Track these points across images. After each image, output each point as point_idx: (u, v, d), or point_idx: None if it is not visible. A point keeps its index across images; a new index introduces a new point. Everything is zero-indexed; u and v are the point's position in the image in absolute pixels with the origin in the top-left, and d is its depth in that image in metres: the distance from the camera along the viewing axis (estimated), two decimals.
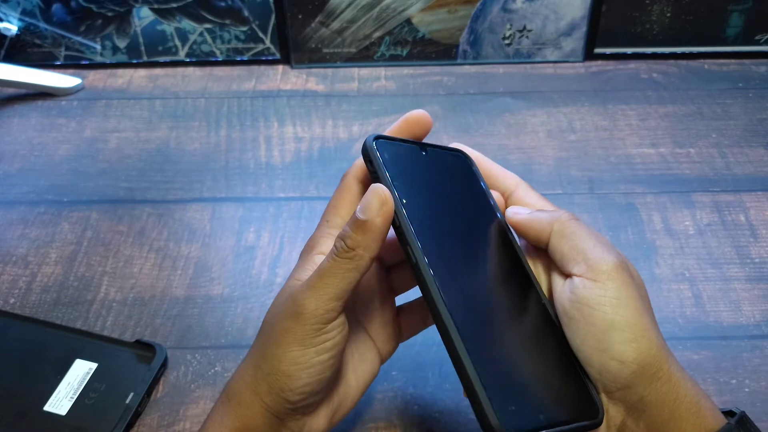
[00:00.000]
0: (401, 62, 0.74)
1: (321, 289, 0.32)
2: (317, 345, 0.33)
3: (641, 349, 0.32)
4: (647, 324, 0.33)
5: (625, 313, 0.32)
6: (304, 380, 0.33)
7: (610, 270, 0.33)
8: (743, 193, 0.60)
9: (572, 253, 0.34)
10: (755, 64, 0.73)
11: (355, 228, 0.32)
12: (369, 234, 0.32)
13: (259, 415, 0.34)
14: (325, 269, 0.32)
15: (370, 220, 0.32)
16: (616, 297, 0.33)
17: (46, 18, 0.72)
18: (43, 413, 0.44)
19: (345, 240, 0.32)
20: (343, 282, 0.32)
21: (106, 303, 0.52)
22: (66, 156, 0.65)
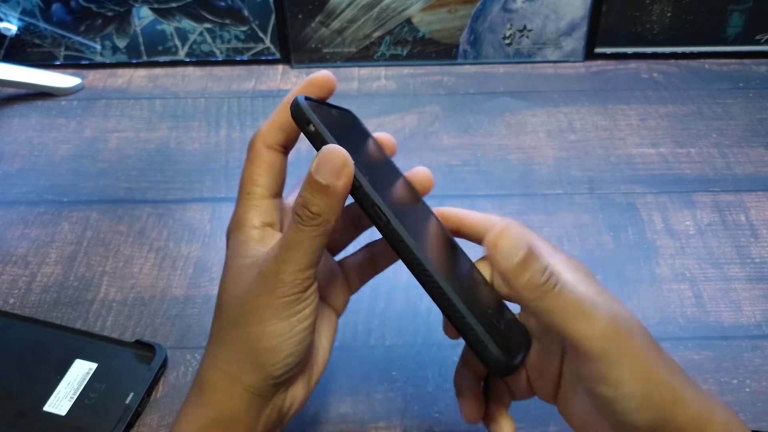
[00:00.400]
0: (401, 62, 0.74)
1: (293, 260, 0.32)
2: (297, 314, 0.33)
3: (649, 414, 0.31)
4: (652, 389, 0.31)
5: (624, 385, 0.31)
6: (287, 351, 0.33)
7: (603, 345, 0.31)
8: (744, 193, 0.60)
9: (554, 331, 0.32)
10: (756, 63, 0.73)
11: (316, 193, 0.31)
12: (332, 198, 0.31)
13: (238, 400, 0.33)
14: (291, 240, 0.32)
15: (332, 184, 0.31)
16: (616, 370, 0.31)
17: (45, 18, 0.72)
18: (43, 413, 0.44)
19: (309, 207, 0.31)
20: (312, 249, 0.32)
21: (106, 303, 0.52)
22: (66, 156, 0.65)
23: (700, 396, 0.32)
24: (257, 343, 0.33)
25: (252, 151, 0.35)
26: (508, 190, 0.60)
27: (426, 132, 0.66)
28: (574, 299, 0.31)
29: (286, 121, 0.34)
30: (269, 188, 0.35)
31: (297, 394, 0.35)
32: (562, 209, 0.58)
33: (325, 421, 0.45)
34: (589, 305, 0.31)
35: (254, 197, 0.35)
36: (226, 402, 0.34)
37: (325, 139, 0.32)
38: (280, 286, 0.32)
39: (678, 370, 0.33)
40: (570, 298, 0.31)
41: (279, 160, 0.36)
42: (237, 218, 0.35)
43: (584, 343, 0.31)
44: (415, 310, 0.51)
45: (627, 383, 0.31)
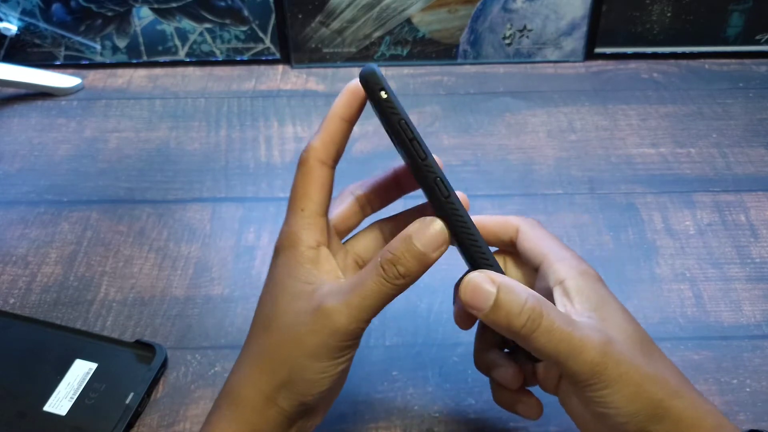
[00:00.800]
0: (401, 62, 0.74)
1: (361, 309, 0.32)
2: (346, 355, 0.33)
3: (640, 424, 0.32)
4: (640, 406, 0.32)
5: (614, 404, 0.32)
6: (327, 386, 0.33)
7: (592, 378, 0.32)
8: (744, 193, 0.60)
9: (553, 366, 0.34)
10: (756, 64, 0.73)
11: (410, 256, 0.31)
12: (423, 266, 0.32)
13: (272, 421, 0.34)
14: (368, 289, 0.32)
15: (428, 254, 0.31)
16: (607, 394, 0.32)
17: (45, 18, 0.72)
18: (43, 413, 0.44)
19: (397, 266, 0.31)
20: (382, 303, 0.32)
21: (106, 303, 0.52)
22: (66, 156, 0.65)
23: (690, 403, 0.33)
24: (302, 373, 0.33)
25: (305, 167, 0.34)
26: (508, 190, 0.60)
27: (426, 132, 0.66)
28: (561, 337, 0.31)
29: (337, 133, 0.34)
30: (322, 205, 0.35)
31: (317, 417, 0.36)
32: (562, 209, 0.58)
33: (326, 420, 0.45)
34: (577, 341, 0.31)
35: (308, 214, 0.34)
36: (260, 422, 0.34)
37: (397, 109, 0.32)
38: (343, 332, 0.32)
39: (671, 378, 0.33)
40: (557, 336, 0.31)
41: (330, 177, 0.35)
42: (291, 235, 0.35)
43: (575, 377, 0.32)
44: (415, 310, 0.51)
45: (616, 404, 0.32)
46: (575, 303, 0.34)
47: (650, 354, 0.34)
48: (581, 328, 0.32)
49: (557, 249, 0.37)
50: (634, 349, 0.33)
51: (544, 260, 0.36)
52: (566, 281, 0.35)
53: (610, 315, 0.34)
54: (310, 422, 0.36)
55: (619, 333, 0.33)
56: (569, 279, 0.35)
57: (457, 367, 0.47)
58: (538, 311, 0.31)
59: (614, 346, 0.32)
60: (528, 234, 0.38)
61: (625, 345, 0.33)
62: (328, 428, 0.44)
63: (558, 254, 0.36)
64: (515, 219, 0.39)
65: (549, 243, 0.37)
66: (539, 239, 0.38)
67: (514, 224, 0.38)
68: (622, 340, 0.33)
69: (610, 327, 0.33)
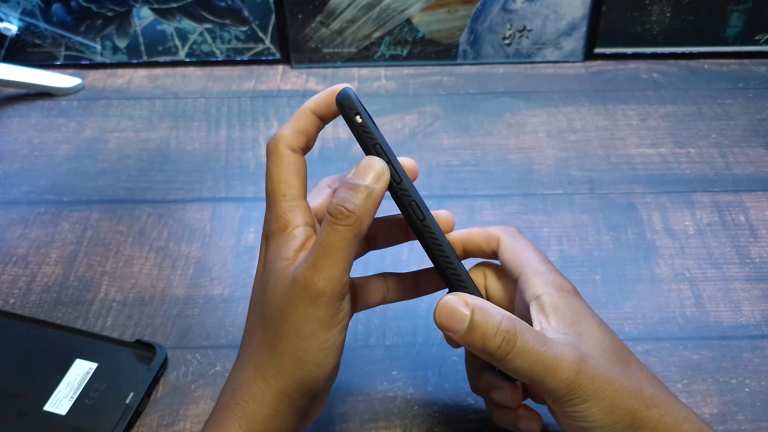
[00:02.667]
0: (401, 62, 0.74)
1: (330, 266, 0.31)
2: (339, 324, 0.33)
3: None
4: (618, 416, 0.33)
5: (591, 418, 0.32)
6: (332, 364, 0.33)
7: (567, 396, 0.32)
8: (743, 193, 0.60)
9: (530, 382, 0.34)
10: (755, 64, 0.73)
11: (353, 192, 0.31)
12: (369, 198, 0.32)
13: (285, 414, 0.34)
14: (326, 243, 0.31)
15: (370, 186, 0.32)
16: (584, 409, 0.32)
17: (46, 18, 0.72)
18: (44, 413, 0.44)
19: (344, 204, 0.31)
20: (347, 252, 0.31)
21: (106, 303, 0.52)
22: (66, 156, 0.65)
23: (667, 411, 0.33)
24: (305, 355, 0.33)
25: (276, 155, 0.35)
26: (508, 190, 0.60)
27: (426, 132, 0.66)
28: (536, 357, 0.31)
29: (307, 125, 0.35)
30: (301, 190, 0.35)
31: (322, 403, 0.36)
32: (561, 209, 0.58)
33: (325, 420, 0.45)
34: (551, 360, 0.31)
35: (290, 199, 0.34)
36: (274, 418, 0.34)
37: (372, 133, 0.33)
38: (321, 296, 0.32)
39: (647, 387, 0.34)
40: (531, 357, 0.31)
41: (303, 163, 0.35)
42: (278, 220, 0.34)
43: (552, 394, 0.32)
44: (415, 310, 0.51)
45: (593, 418, 0.32)
46: (551, 319, 0.34)
47: (626, 364, 0.34)
48: (555, 346, 0.32)
49: (535, 262, 0.37)
50: (610, 362, 0.33)
51: (522, 273, 0.36)
52: (542, 297, 0.35)
53: (585, 329, 0.34)
54: (317, 410, 0.36)
55: (594, 347, 0.33)
56: (545, 294, 0.35)
57: (457, 367, 0.47)
58: (513, 332, 0.31)
59: (588, 361, 0.32)
60: (507, 246, 0.38)
61: (600, 359, 0.33)
62: (328, 428, 0.44)
63: (535, 268, 0.36)
64: (496, 229, 0.39)
65: (527, 255, 0.37)
66: (517, 251, 0.37)
67: (495, 235, 0.39)
68: (598, 354, 0.33)
69: (585, 342, 0.34)
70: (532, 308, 0.35)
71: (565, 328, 0.34)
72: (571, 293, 0.36)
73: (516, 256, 0.37)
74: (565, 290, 0.36)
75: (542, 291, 0.35)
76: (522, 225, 0.57)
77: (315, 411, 0.36)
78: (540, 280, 0.36)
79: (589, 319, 0.35)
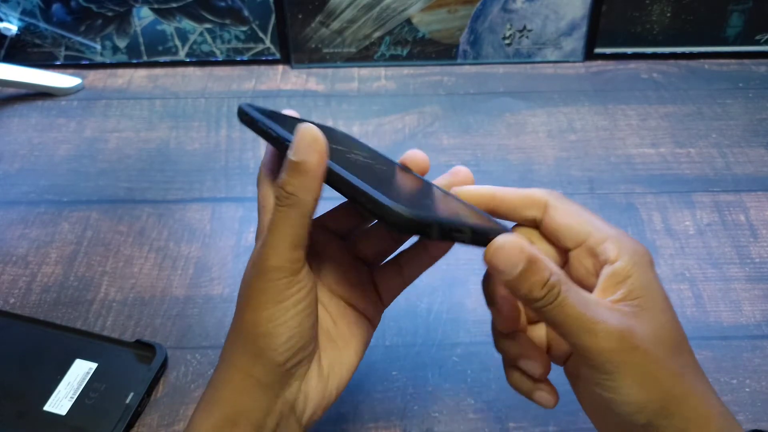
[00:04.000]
0: (401, 62, 0.74)
1: (276, 241, 0.32)
2: (291, 297, 0.32)
3: (649, 416, 0.32)
4: (653, 395, 0.32)
5: (623, 392, 0.31)
6: (285, 335, 0.33)
7: (603, 358, 0.31)
8: (743, 193, 0.60)
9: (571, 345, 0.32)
10: (755, 64, 0.73)
11: (291, 172, 0.31)
12: (305, 175, 0.31)
13: (248, 394, 0.33)
14: (272, 222, 0.32)
15: (304, 160, 0.31)
16: (615, 379, 0.31)
17: (46, 18, 0.72)
18: (43, 413, 0.44)
19: (284, 187, 0.31)
20: (293, 230, 0.32)
21: (106, 303, 0.52)
22: (66, 156, 0.65)
23: (701, 404, 0.33)
24: (254, 329, 0.33)
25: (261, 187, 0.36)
26: None
27: (426, 132, 0.66)
28: (575, 313, 0.30)
29: None
30: None
31: (310, 391, 0.35)
32: None
33: (325, 420, 0.45)
34: (590, 321, 0.30)
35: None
36: (236, 397, 0.34)
37: (268, 128, 0.33)
38: (269, 270, 0.32)
39: (690, 378, 0.33)
40: (571, 312, 0.30)
41: None
42: (259, 225, 0.35)
43: (583, 354, 0.31)
44: (415, 310, 0.51)
45: (623, 390, 0.31)
46: (619, 287, 0.33)
47: (678, 350, 0.33)
48: (599, 310, 0.31)
49: (602, 226, 0.34)
50: (660, 342, 0.32)
51: (590, 238, 0.34)
52: (616, 264, 0.33)
53: (649, 305, 0.33)
54: (302, 398, 0.35)
55: (649, 322, 0.32)
56: (620, 262, 0.33)
57: (457, 367, 0.48)
58: (557, 289, 0.30)
59: (635, 333, 0.31)
60: (561, 210, 0.34)
61: (651, 335, 0.32)
62: (328, 428, 0.44)
63: (605, 232, 0.34)
64: (540, 192, 0.35)
65: (589, 218, 0.34)
66: (577, 215, 0.34)
67: (541, 199, 0.35)
68: (650, 330, 0.32)
69: (643, 316, 0.32)
70: (604, 274, 0.33)
71: (631, 300, 0.32)
72: (646, 263, 0.34)
73: (577, 220, 0.34)
74: (641, 257, 0.33)
75: (617, 256, 0.33)
76: None
77: (301, 399, 0.35)
78: (614, 245, 0.33)
79: (656, 294, 0.33)
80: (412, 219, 0.28)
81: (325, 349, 0.36)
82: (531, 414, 0.45)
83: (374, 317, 0.39)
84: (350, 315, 0.38)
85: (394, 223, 0.28)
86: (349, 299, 0.38)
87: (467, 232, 0.30)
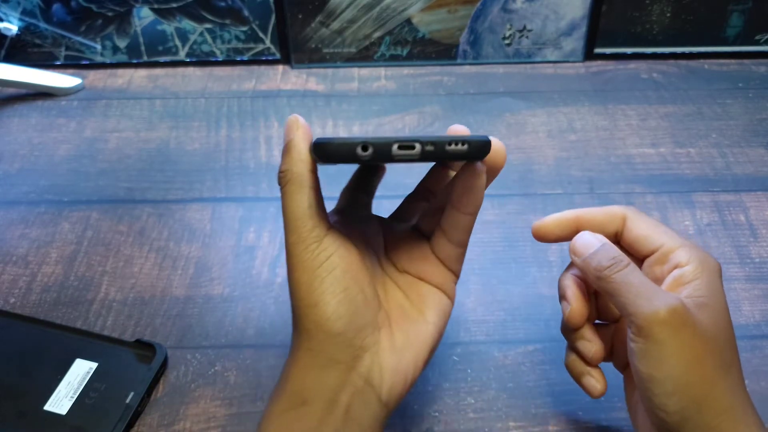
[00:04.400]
0: (401, 62, 0.74)
1: (288, 218, 0.34)
2: (322, 264, 0.34)
3: (682, 402, 0.33)
4: (692, 378, 0.33)
5: (665, 368, 0.33)
6: (332, 302, 0.34)
7: (654, 325, 0.33)
8: (743, 193, 0.60)
9: (620, 307, 0.35)
10: (755, 64, 0.73)
11: (283, 155, 0.34)
12: (294, 149, 0.34)
13: (315, 370, 0.34)
14: (282, 204, 0.35)
15: (290, 138, 0.34)
16: (661, 351, 0.33)
17: (46, 18, 0.72)
18: (44, 413, 0.44)
19: (280, 169, 0.34)
20: (297, 202, 0.34)
21: (106, 303, 0.52)
22: (66, 156, 0.65)
23: (738, 405, 0.33)
24: (302, 302, 0.34)
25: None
26: (508, 190, 0.60)
27: (426, 132, 0.66)
28: (635, 282, 0.34)
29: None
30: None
31: (384, 363, 0.35)
32: (561, 209, 0.58)
33: None
34: (648, 291, 0.34)
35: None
36: (303, 374, 0.34)
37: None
38: (292, 246, 0.34)
39: (732, 379, 0.34)
40: (631, 280, 0.34)
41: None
42: None
43: (637, 323, 0.33)
44: None
45: (667, 364, 0.33)
46: (684, 287, 0.35)
47: (726, 355, 0.34)
48: (657, 288, 0.34)
49: (674, 235, 0.38)
50: (713, 337, 0.34)
51: (664, 246, 0.37)
52: (685, 267, 0.36)
53: (710, 303, 0.35)
54: (376, 368, 0.35)
55: (707, 317, 0.34)
56: (689, 265, 0.36)
57: (457, 366, 0.48)
58: (624, 261, 0.35)
59: (689, 312, 0.33)
60: (637, 222, 0.39)
61: (704, 324, 0.33)
62: None
63: (677, 240, 0.37)
64: (618, 209, 0.39)
65: (663, 229, 0.38)
66: (653, 226, 0.38)
67: (620, 214, 0.39)
68: (706, 322, 0.34)
69: (704, 310, 0.34)
70: (672, 275, 0.36)
71: (691, 297, 0.34)
72: (714, 270, 0.36)
73: (652, 231, 0.38)
74: (710, 265, 0.36)
75: (687, 261, 0.36)
76: (522, 225, 0.57)
77: (375, 370, 0.35)
78: (685, 252, 0.36)
79: (719, 299, 0.35)
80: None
81: (398, 322, 0.37)
82: (531, 414, 0.45)
83: (448, 289, 0.40)
84: (422, 288, 0.39)
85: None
86: (417, 273, 0.39)
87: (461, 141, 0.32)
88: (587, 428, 0.44)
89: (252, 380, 0.47)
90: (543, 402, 0.45)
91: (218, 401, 0.46)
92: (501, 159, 0.36)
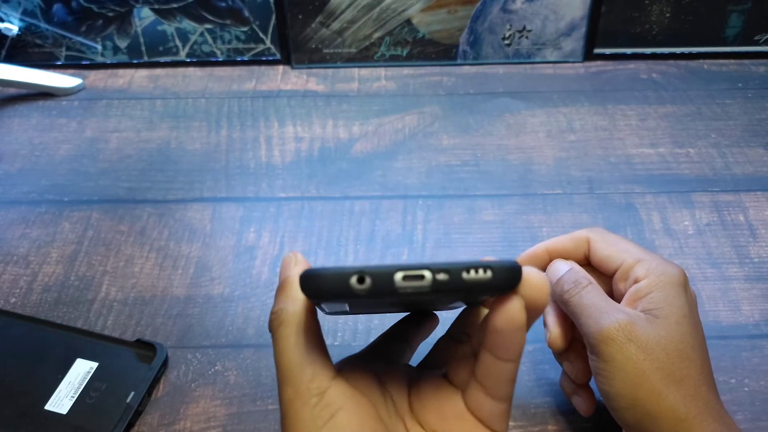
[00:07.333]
0: (401, 62, 0.74)
1: (289, 369, 0.29)
2: (326, 422, 0.28)
3: (637, 417, 0.34)
4: (640, 393, 0.34)
5: (615, 384, 0.34)
6: None
7: (601, 342, 0.35)
8: (742, 193, 0.60)
9: (579, 322, 0.36)
10: (755, 64, 0.73)
11: (277, 294, 0.30)
12: (287, 287, 0.30)
13: None
14: (273, 353, 0.30)
15: (285, 276, 0.30)
16: (609, 369, 0.35)
17: (46, 18, 0.72)
18: (44, 412, 0.44)
19: (272, 310, 0.30)
20: (298, 347, 0.29)
21: (106, 302, 0.52)
22: (67, 156, 0.65)
23: (695, 416, 0.34)
24: None
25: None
26: (508, 190, 0.60)
27: (426, 132, 0.66)
28: (588, 302, 0.36)
29: None
30: None
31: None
32: (561, 209, 0.59)
33: None
34: (599, 309, 0.35)
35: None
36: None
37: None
38: (292, 399, 0.29)
39: (685, 389, 0.34)
40: (585, 301, 0.36)
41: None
42: None
43: (588, 341, 0.35)
44: None
45: (617, 380, 0.34)
46: (639, 302, 0.36)
47: (686, 364, 0.35)
48: (609, 305, 0.35)
49: (634, 251, 0.38)
50: (664, 349, 0.35)
51: (623, 263, 0.38)
52: (641, 282, 0.37)
53: (665, 315, 0.36)
54: None
55: (658, 330, 0.35)
56: (645, 280, 0.37)
57: None
58: (583, 284, 0.37)
59: (635, 329, 0.34)
60: (600, 242, 0.40)
61: (654, 339, 0.34)
62: None
63: (636, 256, 0.38)
64: (583, 232, 0.41)
65: (624, 246, 0.39)
66: (614, 244, 0.39)
67: (583, 237, 0.40)
68: (656, 335, 0.35)
69: (656, 323, 0.35)
70: (629, 291, 0.37)
71: (646, 311, 0.36)
72: (672, 282, 0.37)
73: (613, 249, 0.39)
74: (668, 277, 0.37)
75: (644, 275, 0.37)
76: (521, 225, 0.57)
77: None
78: (643, 267, 0.37)
79: (676, 309, 0.36)
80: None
81: None
82: (530, 413, 0.45)
83: None
84: None
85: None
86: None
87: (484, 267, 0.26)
88: (586, 428, 0.44)
89: (252, 380, 0.47)
90: (542, 402, 0.45)
91: (218, 401, 0.46)
92: (542, 295, 0.28)
